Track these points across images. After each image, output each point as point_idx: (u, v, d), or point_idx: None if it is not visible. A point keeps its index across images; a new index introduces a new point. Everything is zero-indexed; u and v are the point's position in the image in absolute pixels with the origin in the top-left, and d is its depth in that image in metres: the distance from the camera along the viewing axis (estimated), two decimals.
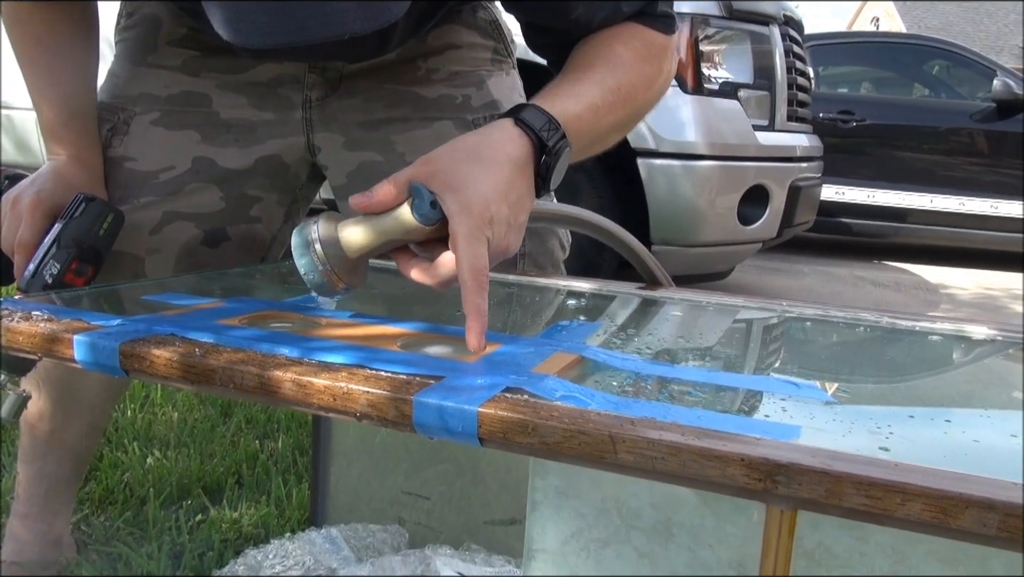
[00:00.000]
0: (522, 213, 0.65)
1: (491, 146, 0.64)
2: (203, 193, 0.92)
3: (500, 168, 0.63)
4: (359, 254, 0.62)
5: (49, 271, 0.80)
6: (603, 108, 0.72)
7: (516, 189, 0.64)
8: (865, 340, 0.75)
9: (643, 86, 0.76)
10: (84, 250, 0.81)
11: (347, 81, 0.95)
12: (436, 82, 0.95)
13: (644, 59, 0.76)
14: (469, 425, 0.44)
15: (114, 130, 0.92)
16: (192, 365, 0.51)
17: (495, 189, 0.61)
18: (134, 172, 0.91)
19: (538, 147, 0.66)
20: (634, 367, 0.56)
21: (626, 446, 0.40)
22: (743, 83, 2.59)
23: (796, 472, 0.37)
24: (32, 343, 0.55)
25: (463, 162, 0.62)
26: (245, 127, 0.94)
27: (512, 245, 0.64)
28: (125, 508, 1.20)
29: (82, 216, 0.82)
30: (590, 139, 0.72)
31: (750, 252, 2.80)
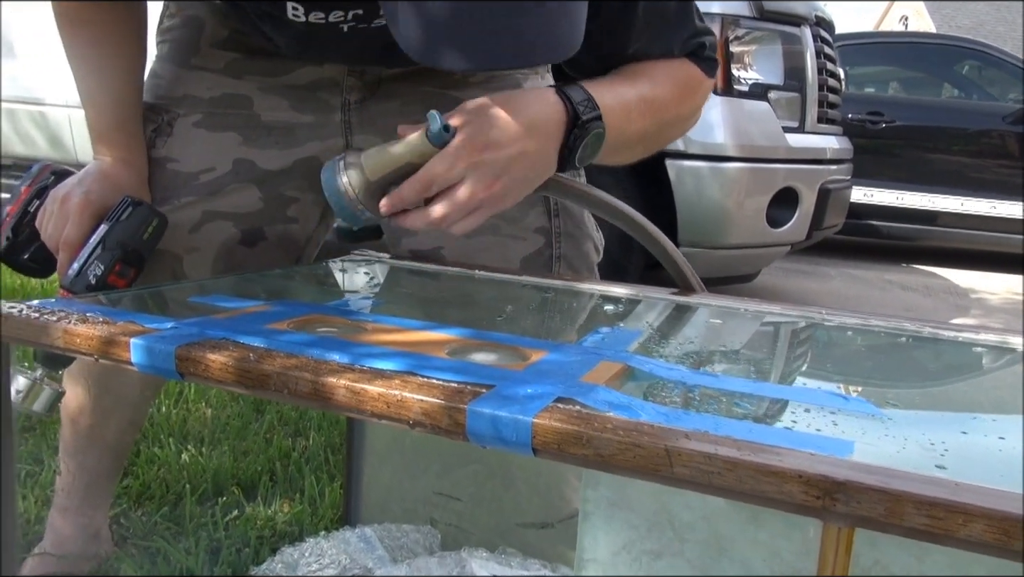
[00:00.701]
0: (525, 170, 0.69)
1: (521, 101, 0.70)
2: (242, 193, 0.94)
3: (515, 123, 0.68)
4: (378, 175, 0.69)
5: (93, 272, 0.81)
6: (635, 112, 0.77)
7: (525, 145, 0.68)
8: (908, 350, 0.74)
9: (674, 106, 0.82)
10: (128, 253, 0.83)
11: (385, 84, 0.96)
12: (473, 85, 0.96)
13: (682, 86, 0.82)
14: (523, 435, 0.44)
15: (158, 131, 0.93)
16: (247, 370, 0.52)
17: (500, 138, 0.67)
18: (176, 173, 0.93)
19: (572, 118, 0.70)
20: (680, 377, 0.56)
21: (682, 460, 0.41)
22: (773, 84, 2.57)
23: (855, 490, 0.37)
24: (90, 345, 0.57)
25: (489, 106, 0.68)
26: (285, 129, 0.95)
27: (502, 196, 0.69)
28: (162, 503, 1.22)
29: (128, 219, 0.83)
30: (617, 136, 0.75)
31: (778, 255, 2.78)
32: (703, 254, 2.53)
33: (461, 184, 0.68)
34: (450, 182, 0.68)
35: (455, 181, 0.68)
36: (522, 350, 0.59)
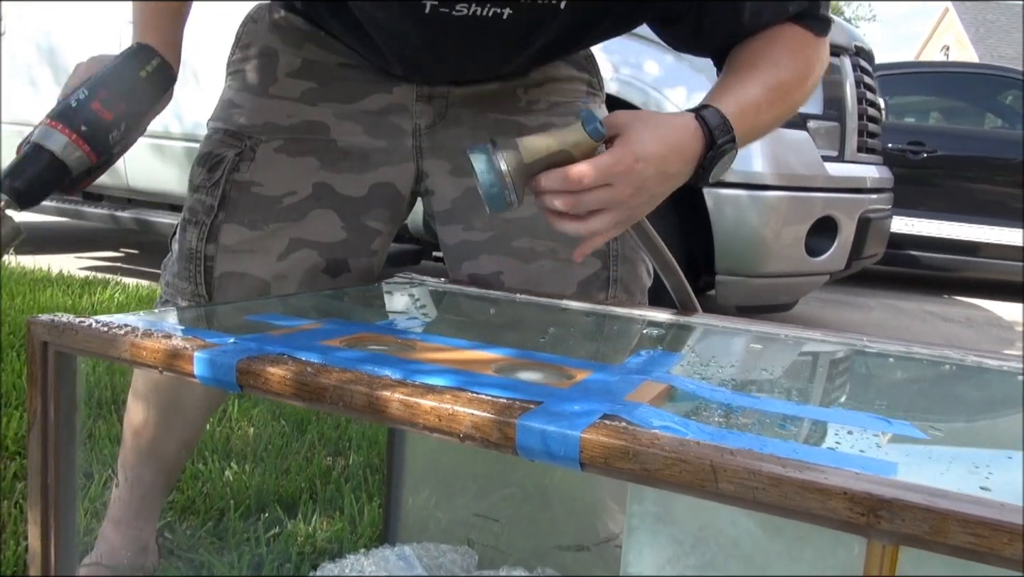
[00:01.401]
0: (661, 185, 0.75)
1: (669, 124, 0.75)
2: (324, 220, 0.97)
3: (667, 142, 0.74)
4: (533, 158, 0.72)
5: (77, 96, 0.79)
6: (764, 105, 0.81)
7: (669, 165, 0.74)
8: (952, 379, 0.74)
9: (799, 83, 0.84)
10: (120, 85, 0.81)
11: (453, 109, 0.99)
12: (537, 112, 1.00)
13: (801, 58, 0.84)
14: (571, 450, 0.46)
15: (241, 156, 0.96)
16: (305, 383, 0.54)
17: (654, 154, 0.72)
18: (260, 196, 0.96)
19: (708, 143, 0.76)
20: (723, 398, 0.57)
21: (727, 476, 0.42)
22: (813, 114, 2.58)
23: (900, 508, 0.38)
24: (155, 358, 0.59)
25: (639, 122, 0.74)
26: (360, 154, 0.99)
27: (639, 205, 0.75)
28: (206, 518, 1.25)
29: (127, 55, 0.83)
30: (752, 133, 0.81)
31: (816, 284, 2.76)
32: (740, 282, 2.53)
33: (608, 187, 0.73)
34: (601, 183, 0.72)
35: (605, 183, 0.72)
36: (567, 369, 0.61)
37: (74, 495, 0.69)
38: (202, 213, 0.96)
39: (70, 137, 0.78)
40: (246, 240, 0.95)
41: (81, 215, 3.55)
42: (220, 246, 0.95)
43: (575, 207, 0.74)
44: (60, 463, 0.67)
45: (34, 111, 3.51)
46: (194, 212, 0.97)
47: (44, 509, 0.67)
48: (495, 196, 0.72)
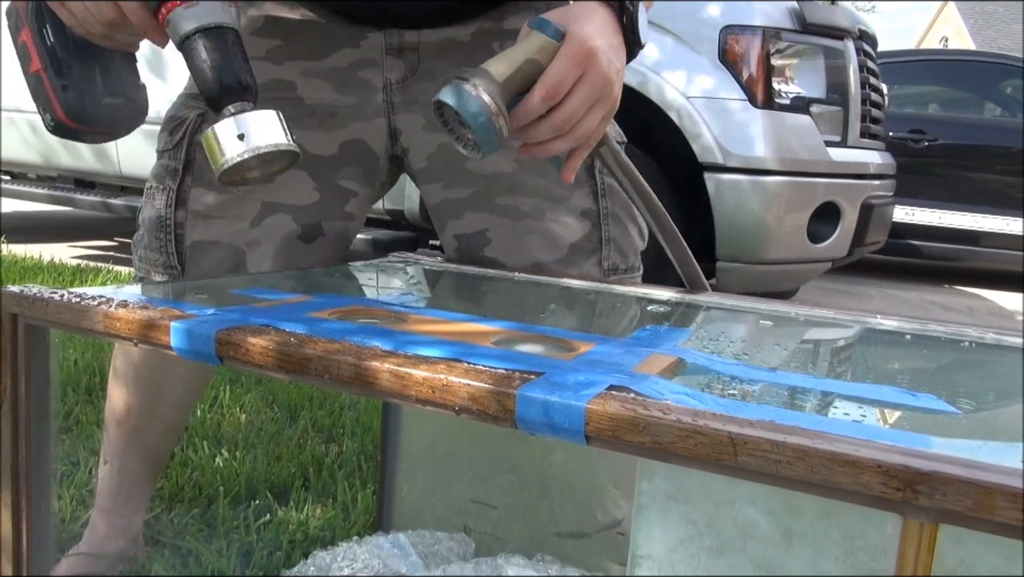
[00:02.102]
0: (618, 57, 0.74)
1: (586, 7, 0.75)
2: (296, 181, 0.92)
3: (595, 20, 0.73)
4: (506, 75, 0.68)
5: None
6: None
7: (610, 37, 0.74)
8: (972, 356, 0.71)
9: None
10: None
11: (425, 63, 0.95)
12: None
13: None
14: (576, 421, 0.42)
15: (204, 116, 0.92)
16: (288, 354, 0.50)
17: (595, 30, 0.72)
18: None
19: (619, 9, 0.76)
20: (737, 371, 0.53)
21: (747, 449, 0.38)
22: (815, 98, 2.54)
23: (940, 482, 0.35)
24: (130, 329, 0.56)
25: (571, 12, 0.74)
26: (328, 112, 0.95)
27: (613, 80, 0.73)
28: (193, 505, 1.22)
29: None
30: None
31: (819, 271, 2.72)
32: (742, 269, 2.49)
33: (579, 83, 0.71)
34: (577, 76, 0.71)
35: (580, 75, 0.71)
36: (570, 342, 0.57)
37: (48, 477, 0.66)
38: (168, 178, 0.91)
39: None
40: (215, 205, 0.91)
41: (74, 202, 3.51)
42: (189, 212, 0.91)
43: (569, 119, 0.72)
44: (32, 442, 0.63)
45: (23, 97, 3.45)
46: (160, 178, 0.93)
47: (15, 492, 0.63)
48: (485, 128, 0.66)
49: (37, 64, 0.70)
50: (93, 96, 0.72)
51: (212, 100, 0.63)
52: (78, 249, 3.95)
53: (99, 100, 0.71)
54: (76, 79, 0.70)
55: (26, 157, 3.58)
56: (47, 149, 3.49)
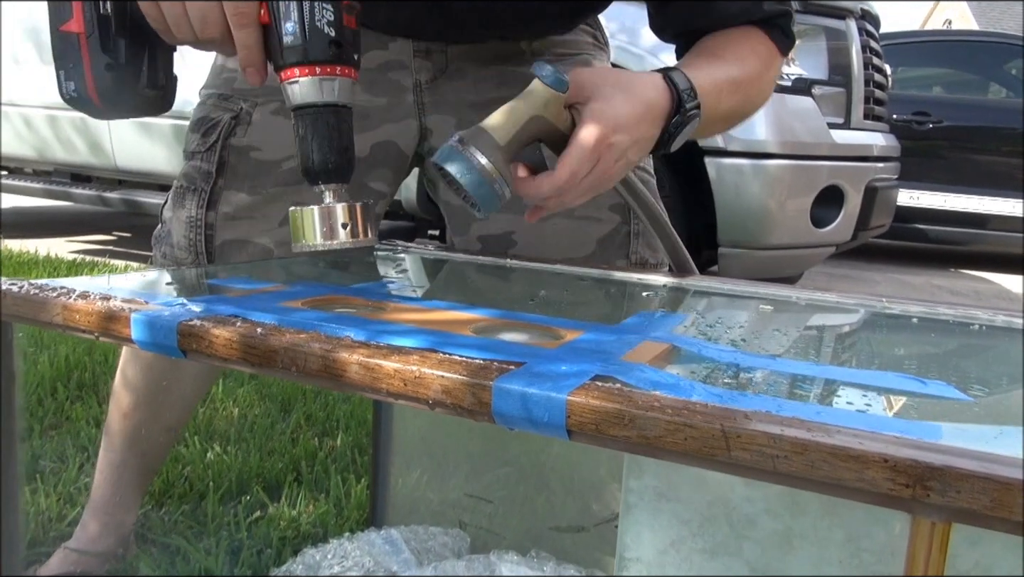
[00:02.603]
0: (637, 153, 0.69)
1: (638, 83, 0.69)
2: None
3: (637, 104, 0.68)
4: (508, 137, 0.63)
5: (324, 16, 0.58)
6: (724, 93, 0.76)
7: (643, 130, 0.68)
8: (982, 339, 0.67)
9: (757, 84, 0.82)
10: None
11: (454, 63, 0.94)
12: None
13: (764, 66, 0.82)
14: (556, 415, 0.39)
15: (237, 119, 0.91)
16: (253, 346, 0.47)
17: (627, 118, 0.66)
18: (260, 161, 0.91)
19: (676, 105, 0.70)
20: (733, 359, 0.50)
21: (741, 442, 0.35)
22: (817, 79, 2.49)
23: (954, 477, 0.31)
24: (89, 322, 0.53)
25: (609, 83, 0.67)
26: (360, 113, 0.92)
27: (615, 176, 0.69)
28: (184, 502, 1.19)
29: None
30: (710, 114, 0.75)
31: (823, 256, 2.68)
32: (744, 255, 2.45)
33: (595, 166, 0.66)
34: (590, 168, 0.66)
35: (593, 165, 0.66)
36: (555, 330, 0.54)
37: (15, 477, 0.63)
38: (200, 180, 0.91)
39: (322, 73, 0.59)
40: (246, 206, 0.91)
41: (70, 196, 3.48)
42: (220, 213, 0.91)
43: (562, 204, 0.68)
44: None
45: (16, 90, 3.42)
46: (191, 179, 0.92)
47: None
48: (485, 196, 0.63)
49: (79, 26, 0.62)
50: (135, 85, 0.65)
51: (310, 175, 0.60)
52: (75, 244, 3.92)
53: (138, 89, 0.65)
54: (122, 62, 0.63)
55: (20, 151, 3.55)
56: (41, 143, 3.46)
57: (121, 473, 1.03)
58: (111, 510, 1.03)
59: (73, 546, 1.03)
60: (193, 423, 1.44)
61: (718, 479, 0.38)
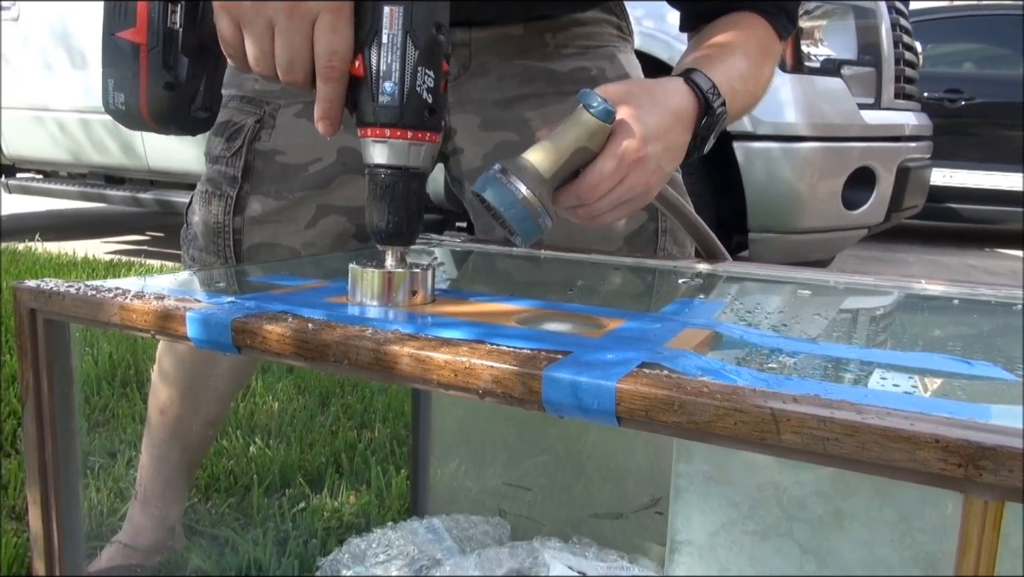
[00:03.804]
0: (671, 162, 0.69)
1: (663, 91, 0.69)
2: (352, 185, 0.92)
3: (665, 112, 0.67)
4: (553, 171, 0.62)
5: (424, 83, 0.55)
6: (739, 91, 0.76)
7: (673, 137, 0.68)
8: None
9: (762, 81, 0.82)
10: (439, 32, 0.55)
11: (477, 59, 0.93)
12: (567, 56, 0.94)
13: (766, 58, 0.82)
14: (606, 402, 0.40)
15: (261, 123, 0.92)
16: (305, 341, 0.48)
17: (657, 128, 0.66)
18: (285, 165, 0.92)
19: (703, 107, 0.70)
20: (775, 344, 0.51)
21: (791, 425, 0.35)
22: (847, 59, 2.46)
23: (1006, 456, 0.32)
24: (146, 321, 0.54)
25: (635, 96, 0.67)
26: None
27: (653, 187, 0.68)
28: (229, 495, 1.22)
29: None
30: (730, 108, 0.74)
31: (855, 239, 2.65)
32: (775, 239, 2.43)
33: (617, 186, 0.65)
34: (616, 182, 0.65)
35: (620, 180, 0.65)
36: (598, 319, 0.55)
37: (76, 474, 0.65)
38: (226, 185, 0.92)
39: (413, 138, 0.57)
40: (273, 211, 0.92)
41: (104, 198, 3.55)
42: (247, 218, 0.92)
43: (593, 216, 0.68)
44: (58, 439, 0.62)
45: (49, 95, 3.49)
46: (216, 184, 0.93)
47: (44, 491, 0.63)
48: (528, 228, 0.62)
49: (142, 36, 0.58)
50: (189, 105, 0.62)
51: (379, 236, 0.58)
52: (111, 245, 4.00)
53: (192, 110, 0.63)
54: (181, 81, 0.60)
55: (55, 155, 3.62)
56: (76, 146, 3.53)
57: (163, 467, 1.05)
58: (157, 503, 1.06)
59: (123, 540, 1.06)
60: (234, 417, 1.48)
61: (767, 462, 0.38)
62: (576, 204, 0.66)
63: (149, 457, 1.06)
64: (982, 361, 0.48)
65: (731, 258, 0.90)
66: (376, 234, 0.58)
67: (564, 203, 0.66)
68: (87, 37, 3.38)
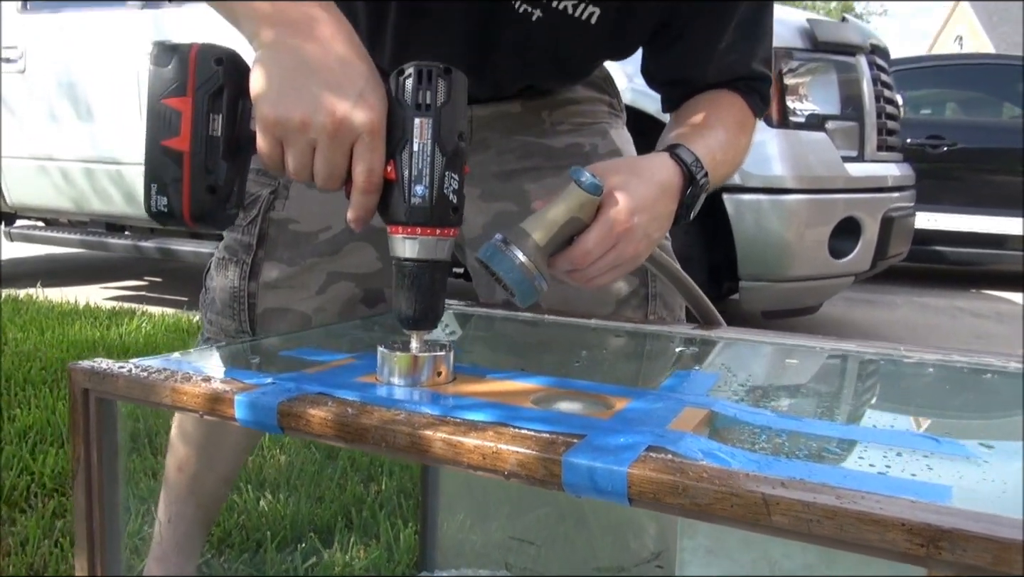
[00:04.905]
0: (658, 230, 0.76)
1: (649, 167, 0.77)
2: (361, 253, 0.97)
3: (651, 185, 0.75)
4: (547, 239, 0.70)
5: (451, 185, 0.62)
6: (719, 162, 0.84)
7: (660, 207, 0.75)
8: (995, 388, 0.73)
9: (740, 151, 0.91)
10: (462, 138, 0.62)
11: (479, 133, 0.99)
12: (563, 133, 1.00)
13: (743, 130, 0.91)
14: (619, 485, 0.45)
15: (275, 193, 0.97)
16: (346, 424, 0.54)
17: (644, 199, 0.73)
18: (297, 233, 0.97)
19: (688, 179, 0.78)
20: (765, 421, 0.56)
21: (780, 509, 0.41)
22: (830, 114, 2.56)
23: (961, 538, 0.37)
24: (196, 403, 0.60)
25: (623, 172, 0.74)
26: None
27: (641, 253, 0.75)
28: (243, 550, 1.25)
29: (451, 98, 0.61)
30: (712, 179, 0.82)
31: (843, 286, 2.73)
32: (765, 288, 2.50)
33: (608, 253, 0.73)
34: (607, 249, 0.72)
35: (610, 248, 0.73)
36: (605, 398, 0.61)
37: (119, 538, 0.70)
38: (242, 252, 0.97)
39: (440, 234, 0.63)
40: (285, 276, 0.97)
41: (106, 246, 3.60)
42: (261, 283, 0.97)
43: (587, 279, 0.75)
44: (105, 508, 0.67)
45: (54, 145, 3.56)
46: (233, 251, 0.98)
47: (91, 559, 0.67)
48: (526, 291, 0.71)
49: (185, 144, 0.63)
50: (225, 205, 0.66)
51: (406, 322, 0.64)
52: (110, 290, 4.04)
53: (227, 209, 0.67)
54: (221, 184, 0.64)
55: (58, 204, 3.68)
56: (79, 195, 3.59)
57: (180, 523, 1.09)
58: (173, 560, 1.09)
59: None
60: (244, 471, 1.52)
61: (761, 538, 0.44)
62: (570, 269, 0.74)
63: (166, 513, 1.09)
64: (948, 439, 0.54)
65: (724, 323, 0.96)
66: (404, 320, 0.64)
67: (560, 268, 0.74)
68: (92, 89, 3.46)
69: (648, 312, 0.99)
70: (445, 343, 0.67)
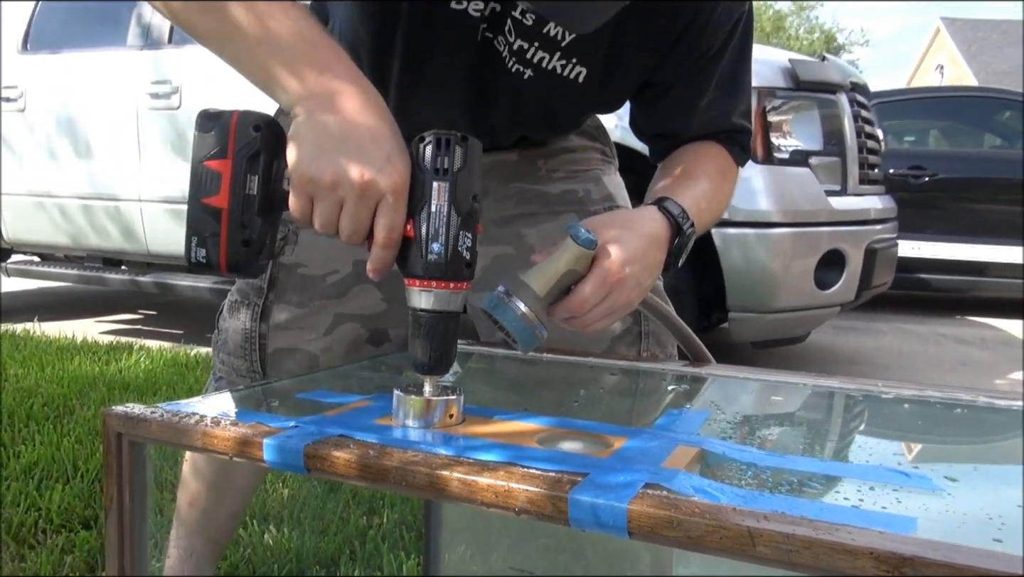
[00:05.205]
0: (649, 278, 0.82)
1: (639, 220, 0.83)
2: (365, 295, 1.03)
3: (642, 238, 0.81)
4: (546, 290, 0.76)
5: (465, 243, 0.67)
6: (704, 212, 0.91)
7: (650, 258, 0.82)
8: (964, 422, 0.79)
9: (725, 198, 0.99)
10: (476, 201, 0.67)
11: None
12: (558, 180, 1.06)
13: (726, 181, 0.99)
14: (619, 520, 0.50)
15: (286, 240, 1.03)
16: (368, 465, 0.59)
17: (635, 251, 0.79)
18: (306, 276, 1.03)
19: (675, 230, 0.84)
20: (751, 458, 0.62)
21: (763, 540, 0.46)
22: (813, 150, 2.65)
23: (922, 565, 0.43)
24: (226, 446, 0.65)
25: (616, 226, 0.81)
26: None
27: (633, 300, 0.82)
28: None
29: (465, 165, 0.66)
30: (697, 228, 0.89)
31: (828, 316, 2.80)
32: (753, 319, 2.57)
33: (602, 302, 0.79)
34: (601, 298, 0.79)
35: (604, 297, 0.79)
36: (604, 437, 0.66)
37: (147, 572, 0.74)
38: (253, 295, 1.03)
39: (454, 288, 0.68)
40: (295, 318, 1.02)
41: (103, 281, 3.64)
42: (272, 325, 1.02)
43: (583, 325, 0.81)
44: (136, 547, 0.72)
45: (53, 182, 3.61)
46: (245, 294, 1.04)
47: None
48: (527, 339, 0.77)
49: (224, 202, 0.68)
50: (258, 256, 0.72)
51: (421, 368, 0.69)
52: (105, 324, 4.07)
53: (260, 259, 0.72)
54: (255, 238, 0.70)
55: (56, 239, 3.73)
56: (77, 231, 3.64)
57: (190, 557, 1.13)
58: None
59: None
60: (249, 506, 1.55)
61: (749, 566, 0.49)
62: (568, 316, 0.80)
63: (177, 548, 1.13)
64: (918, 473, 0.59)
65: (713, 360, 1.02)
66: (419, 366, 0.69)
67: (558, 315, 0.80)
68: (91, 128, 3.52)
69: (641, 349, 1.05)
70: (455, 386, 0.72)
